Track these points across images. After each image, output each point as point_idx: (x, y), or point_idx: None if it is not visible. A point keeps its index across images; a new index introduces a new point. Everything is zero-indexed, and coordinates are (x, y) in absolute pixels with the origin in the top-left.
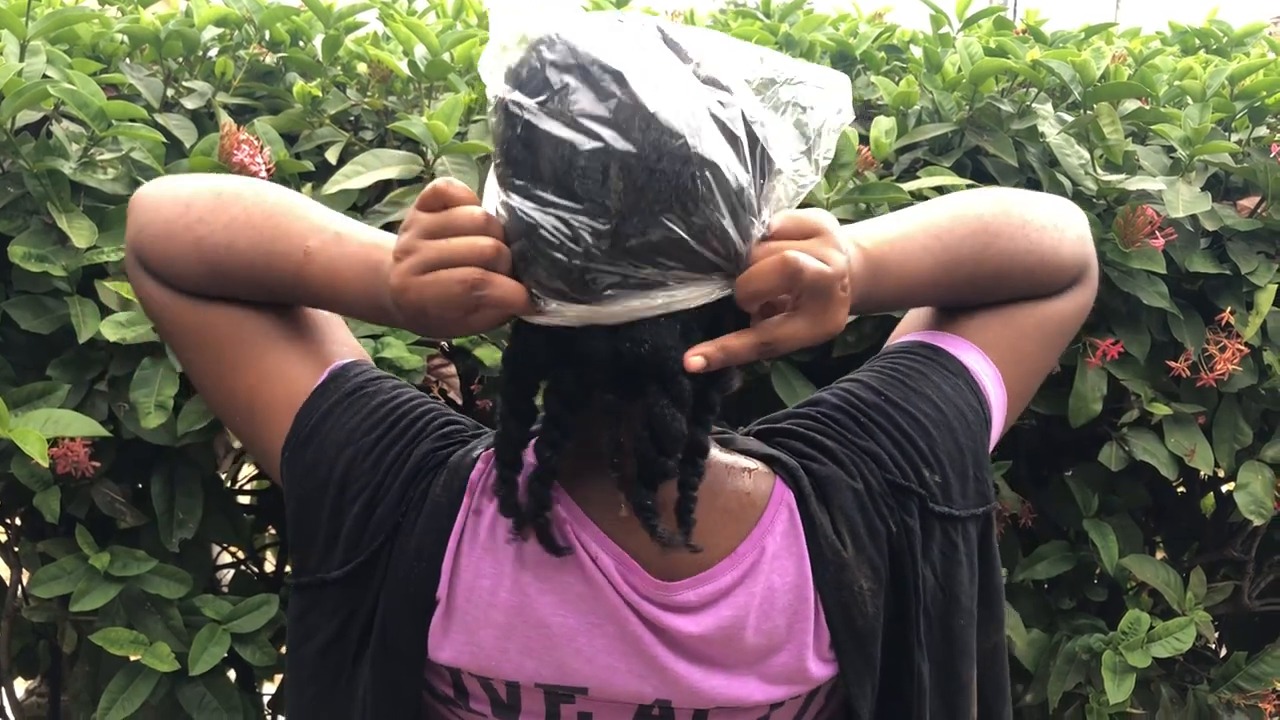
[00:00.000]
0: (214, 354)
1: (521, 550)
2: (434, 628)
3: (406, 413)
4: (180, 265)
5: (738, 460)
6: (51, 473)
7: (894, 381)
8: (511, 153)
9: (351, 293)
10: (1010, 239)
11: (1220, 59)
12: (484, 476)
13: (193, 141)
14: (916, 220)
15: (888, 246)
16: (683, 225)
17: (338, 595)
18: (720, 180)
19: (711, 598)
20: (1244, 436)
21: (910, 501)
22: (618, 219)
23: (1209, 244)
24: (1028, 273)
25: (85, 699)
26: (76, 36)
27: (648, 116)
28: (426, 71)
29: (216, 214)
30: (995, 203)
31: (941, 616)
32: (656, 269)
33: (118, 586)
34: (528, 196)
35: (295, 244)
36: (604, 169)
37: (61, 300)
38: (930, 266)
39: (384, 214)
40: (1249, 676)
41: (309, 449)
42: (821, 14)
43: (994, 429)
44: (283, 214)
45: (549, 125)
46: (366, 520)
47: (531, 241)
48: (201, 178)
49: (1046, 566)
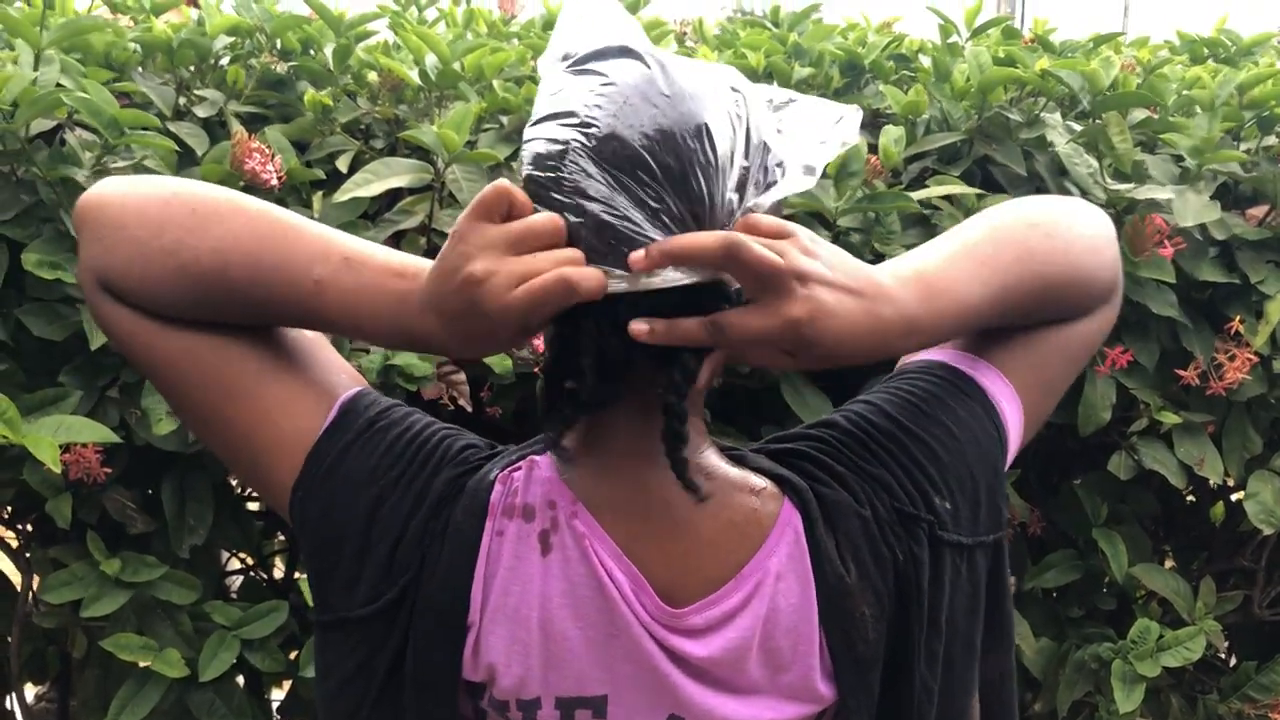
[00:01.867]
0: (200, 385)
1: (545, 566)
2: (467, 654)
3: (424, 443)
4: (161, 293)
5: (748, 478)
6: (63, 479)
7: (908, 406)
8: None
9: (377, 327)
10: (1056, 265)
11: (1229, 68)
12: (503, 498)
13: (204, 150)
14: (959, 248)
15: (934, 272)
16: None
17: (359, 633)
18: (715, 148)
19: (718, 621)
20: (1253, 445)
21: (918, 530)
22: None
23: (1218, 253)
24: (1070, 297)
25: (95, 705)
26: (90, 46)
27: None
28: (437, 80)
29: (198, 237)
30: (1035, 225)
31: (944, 645)
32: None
33: (128, 592)
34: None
35: (300, 272)
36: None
37: (74, 307)
38: (980, 292)
39: (394, 222)
40: (1259, 686)
41: (325, 490)
42: (830, 24)
43: (1009, 454)
44: (277, 236)
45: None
46: (392, 558)
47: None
48: (156, 184)
49: (1055, 575)
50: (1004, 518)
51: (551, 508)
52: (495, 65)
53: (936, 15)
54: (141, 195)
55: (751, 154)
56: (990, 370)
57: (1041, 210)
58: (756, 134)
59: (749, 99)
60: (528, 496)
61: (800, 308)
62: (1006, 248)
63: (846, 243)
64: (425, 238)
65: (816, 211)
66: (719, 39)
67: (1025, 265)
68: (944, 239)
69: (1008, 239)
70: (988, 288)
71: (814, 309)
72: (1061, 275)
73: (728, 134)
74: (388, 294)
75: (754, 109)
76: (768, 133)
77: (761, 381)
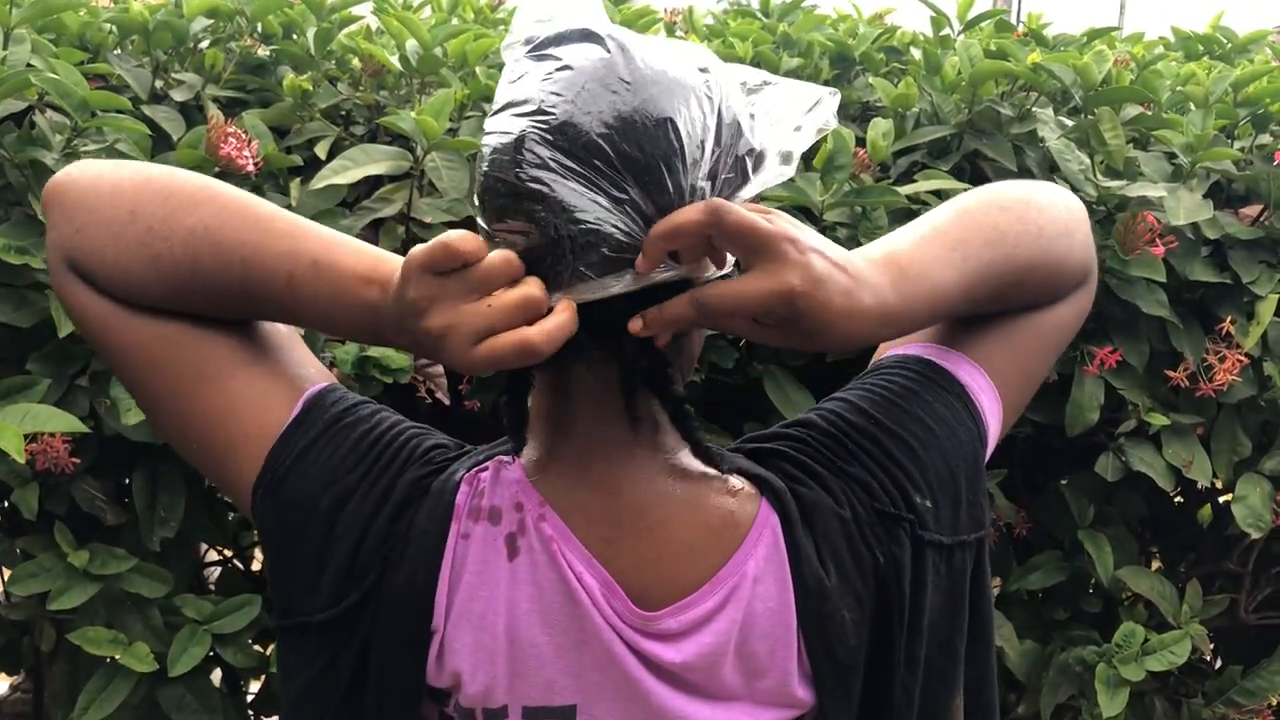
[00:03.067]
0: (168, 375)
1: (512, 570)
2: (431, 660)
3: (389, 442)
4: (132, 280)
5: (724, 478)
6: (30, 469)
7: (884, 402)
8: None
9: (351, 333)
10: (1028, 249)
11: (1224, 65)
12: (469, 499)
13: (180, 134)
14: (929, 234)
15: (905, 258)
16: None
17: (321, 638)
18: (681, 135)
19: (692, 625)
20: (1243, 448)
21: (899, 530)
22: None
23: (1210, 252)
24: (1039, 283)
25: (64, 698)
26: (63, 25)
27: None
28: (418, 66)
29: (171, 225)
30: (1006, 209)
31: (924, 647)
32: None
33: (96, 585)
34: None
35: (271, 269)
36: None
37: (42, 293)
38: (953, 278)
39: (372, 210)
40: (1244, 691)
41: (286, 487)
42: (821, 14)
43: (989, 446)
44: (249, 228)
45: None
46: (354, 561)
47: (593, 242)
48: (130, 168)
49: (1041, 577)
50: (985, 515)
51: (519, 510)
52: (479, 51)
53: (929, 7)
54: (115, 179)
55: (724, 139)
56: (965, 361)
57: (1012, 194)
58: (730, 117)
59: (720, 81)
60: (494, 498)
61: (797, 274)
62: (977, 233)
63: (833, 238)
64: (404, 226)
65: (802, 205)
66: (709, 28)
67: (996, 249)
68: (913, 225)
69: (978, 224)
70: (960, 273)
71: (810, 276)
72: (1033, 259)
73: (697, 118)
74: (359, 305)
75: (727, 91)
76: (742, 117)
77: (745, 378)
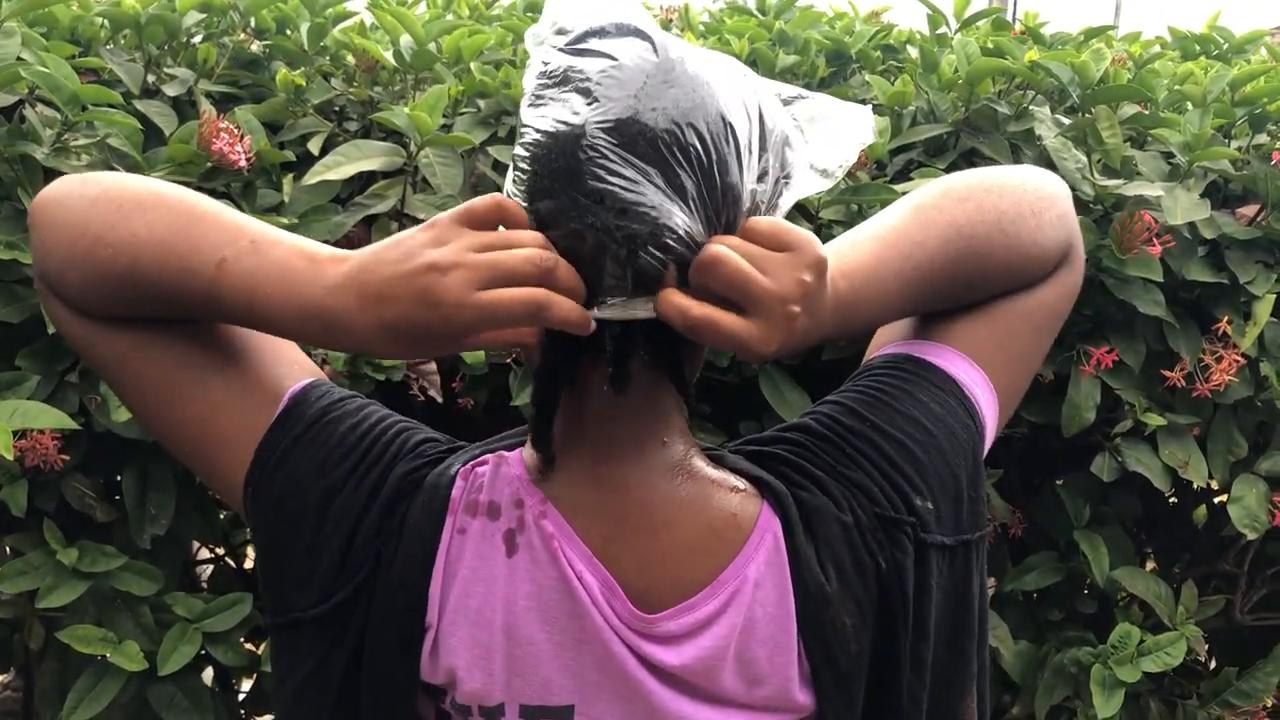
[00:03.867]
0: (150, 384)
1: (510, 567)
2: (425, 656)
3: (379, 435)
4: (90, 293)
5: (726, 478)
6: (19, 466)
7: (879, 404)
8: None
9: (274, 307)
10: (985, 239)
11: (1221, 65)
12: (465, 494)
13: (172, 129)
14: (885, 239)
15: (861, 283)
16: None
17: (314, 635)
18: (737, 135)
19: (692, 628)
20: (1239, 449)
21: (901, 534)
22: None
23: (1207, 252)
24: (1007, 270)
25: (53, 696)
26: (54, 19)
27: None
28: (412, 62)
29: (117, 231)
30: (964, 198)
31: (931, 649)
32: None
33: (86, 583)
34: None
35: (207, 257)
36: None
37: (32, 289)
38: (899, 291)
39: (365, 206)
40: (1239, 692)
41: (275, 484)
42: (817, 11)
43: (987, 440)
44: (193, 224)
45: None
46: (345, 555)
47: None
48: (94, 181)
49: (1036, 577)
50: (984, 514)
51: (519, 506)
52: (473, 48)
53: (925, 5)
54: (77, 195)
55: (770, 146)
56: (956, 355)
57: (971, 182)
58: (772, 124)
59: (759, 88)
60: (493, 494)
61: (776, 342)
62: (931, 230)
63: (829, 235)
64: (397, 223)
65: (799, 203)
66: (705, 25)
67: (953, 245)
68: (870, 226)
69: (932, 220)
70: (907, 283)
71: (787, 343)
72: (994, 247)
73: (744, 123)
74: (292, 271)
75: (765, 99)
76: (786, 126)
77: (740, 377)
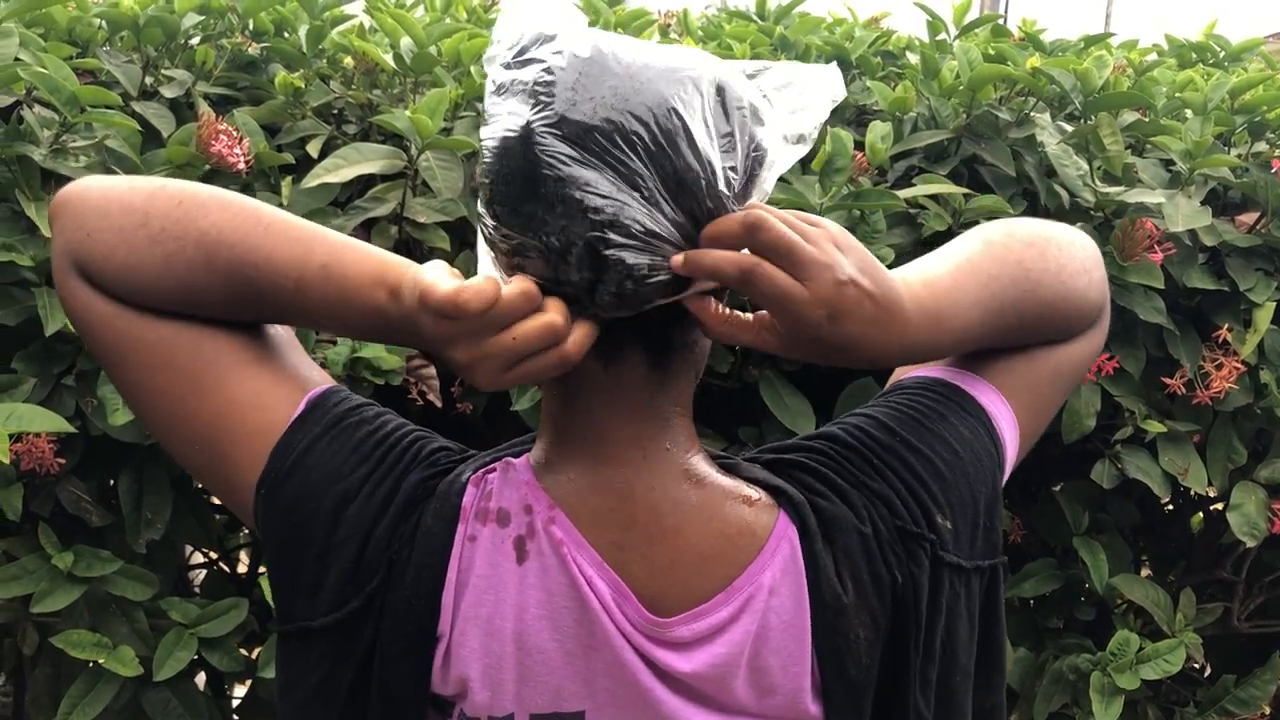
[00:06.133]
0: (172, 375)
1: (520, 574)
2: (437, 666)
3: (394, 444)
4: (144, 279)
5: (740, 487)
6: (15, 469)
7: (910, 421)
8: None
9: (362, 334)
10: (1049, 287)
11: (1220, 72)
12: (476, 501)
13: (170, 131)
14: (962, 266)
15: (940, 290)
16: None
17: (323, 644)
18: (683, 115)
19: (705, 634)
20: (1238, 456)
21: (919, 550)
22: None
23: (1207, 259)
24: (1061, 319)
25: (46, 702)
26: (52, 20)
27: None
28: (412, 65)
29: (184, 227)
30: (1030, 243)
31: (940, 672)
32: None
33: (81, 587)
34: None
35: (282, 272)
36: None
37: (29, 291)
38: (979, 318)
39: (365, 209)
40: (1237, 700)
41: (289, 485)
42: (817, 17)
43: (1005, 474)
44: (261, 233)
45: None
46: (358, 563)
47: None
48: (142, 179)
49: (1034, 584)
50: (1000, 543)
51: (528, 512)
52: (473, 51)
53: (924, 11)
54: (129, 187)
55: (734, 121)
56: (990, 389)
57: (1033, 230)
58: (738, 100)
59: (718, 67)
60: (503, 500)
61: (824, 309)
62: (1005, 268)
63: None
64: (397, 226)
65: (801, 208)
66: (704, 30)
67: (1021, 287)
68: (947, 254)
69: (1004, 259)
70: (986, 311)
71: (838, 310)
72: (1055, 295)
73: (696, 101)
74: (369, 310)
75: (728, 76)
76: (754, 98)
77: (739, 382)
